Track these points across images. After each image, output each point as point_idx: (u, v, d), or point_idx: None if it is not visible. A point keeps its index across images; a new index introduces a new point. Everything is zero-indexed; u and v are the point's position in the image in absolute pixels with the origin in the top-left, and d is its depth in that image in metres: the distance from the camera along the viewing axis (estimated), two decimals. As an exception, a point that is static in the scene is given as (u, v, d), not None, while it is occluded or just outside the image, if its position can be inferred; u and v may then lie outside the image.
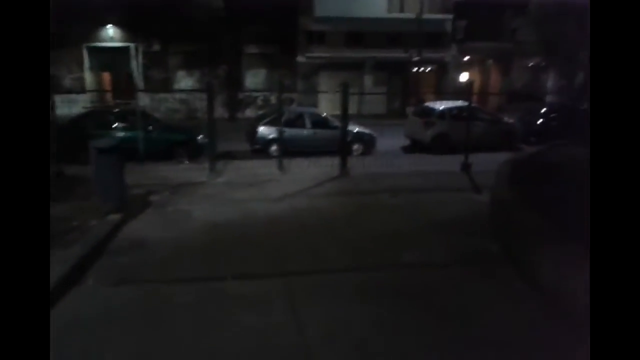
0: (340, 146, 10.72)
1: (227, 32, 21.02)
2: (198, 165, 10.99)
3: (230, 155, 13.06)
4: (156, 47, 21.45)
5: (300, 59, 22.82)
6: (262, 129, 13.51)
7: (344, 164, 10.53)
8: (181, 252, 5.87)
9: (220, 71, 22.15)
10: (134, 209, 7.28)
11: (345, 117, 10.64)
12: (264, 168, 10.68)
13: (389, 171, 10.72)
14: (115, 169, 6.73)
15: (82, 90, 20.64)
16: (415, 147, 15.03)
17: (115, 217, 6.67)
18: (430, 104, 15.78)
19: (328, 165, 10.75)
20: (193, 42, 21.15)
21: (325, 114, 14.56)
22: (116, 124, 12.55)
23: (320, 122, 14.08)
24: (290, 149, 12.08)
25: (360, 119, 15.94)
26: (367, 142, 14.06)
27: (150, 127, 12.61)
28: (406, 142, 15.54)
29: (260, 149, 13.65)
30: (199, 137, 13.24)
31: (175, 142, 12.91)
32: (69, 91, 19.21)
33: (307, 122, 13.95)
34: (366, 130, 14.15)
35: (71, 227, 6.27)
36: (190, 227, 6.75)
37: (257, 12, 20.56)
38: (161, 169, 10.66)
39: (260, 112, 19.21)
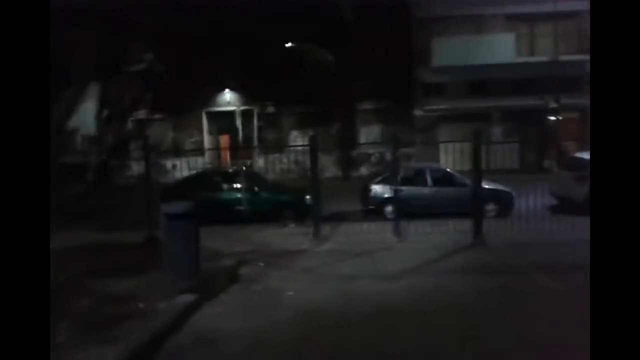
0: (474, 206, 8.62)
1: (339, 89, 20.28)
2: (304, 229, 9.59)
3: (339, 217, 11.57)
4: (270, 109, 21.41)
5: (417, 112, 21.22)
6: (376, 188, 11.87)
7: (478, 229, 8.38)
8: (258, 356, 4.26)
9: (333, 129, 21.33)
10: (215, 287, 5.94)
11: (478, 171, 8.61)
12: (377, 233, 8.92)
13: (538, 239, 8.32)
14: (187, 238, 5.49)
15: (201, 153, 21.04)
16: (564, 207, 12.21)
17: (187, 298, 5.34)
18: (581, 155, 12.93)
19: (457, 231, 8.68)
20: (306, 102, 20.73)
21: (449, 169, 12.52)
22: (224, 185, 11.83)
23: (444, 179, 12.06)
24: (408, 210, 10.25)
25: (489, 174, 13.54)
26: (504, 202, 11.64)
27: (256, 188, 11.68)
28: (552, 201, 12.73)
29: (374, 210, 11.96)
30: (308, 198, 12.00)
31: (281, 203, 11.78)
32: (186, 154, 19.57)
33: (429, 179, 12.03)
34: (502, 187, 11.77)
35: (134, 310, 5.04)
36: (278, 316, 5.15)
37: (370, 65, 19.61)
38: (263, 234, 9.42)
39: (374, 169, 17.72)
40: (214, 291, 5.79)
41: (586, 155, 12.71)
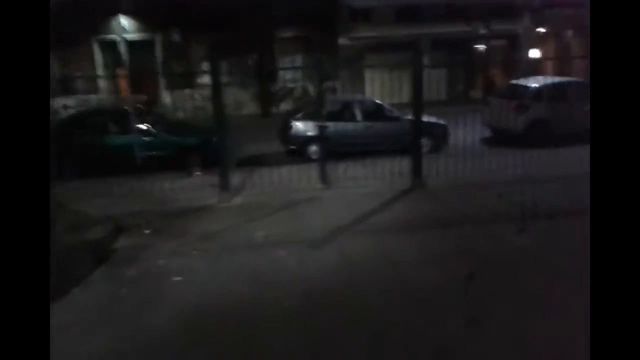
0: (413, 143, 7.25)
1: (254, 14, 17.85)
2: (212, 179, 7.79)
3: (256, 161, 9.86)
4: (176, 37, 18.58)
5: (342, 41, 19.37)
6: (297, 125, 10.20)
7: (417, 170, 7.07)
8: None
9: (249, 60, 19.04)
10: (70, 275, 4.13)
11: (419, 102, 7.21)
12: (300, 179, 7.35)
13: (483, 178, 7.19)
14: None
15: (95, 91, 18.05)
16: (500, 139, 11.32)
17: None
18: (522, 82, 11.93)
19: (392, 173, 7.33)
20: (216, 29, 18.10)
21: (379, 101, 11.06)
22: (112, 127, 9.60)
23: (374, 113, 10.63)
24: (335, 150, 8.79)
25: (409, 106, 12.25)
26: (438, 136, 10.47)
27: (154, 129, 9.60)
28: (486, 133, 11.77)
29: (296, 150, 10.38)
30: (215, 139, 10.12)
31: (185, 147, 9.81)
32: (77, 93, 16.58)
33: (357, 114, 10.53)
34: (435, 120, 10.53)
35: None
36: (151, 324, 3.50)
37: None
38: (158, 186, 7.54)
39: (296, 105, 15.96)
40: (65, 283, 4.00)
41: (528, 82, 11.79)
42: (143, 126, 9.52)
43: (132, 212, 6.25)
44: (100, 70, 18.83)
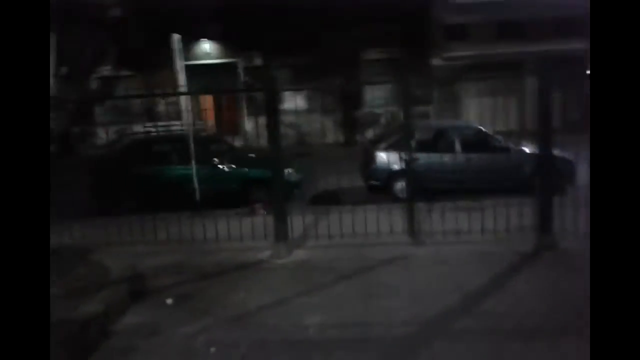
0: (540, 184, 5.25)
1: (339, 35, 16.62)
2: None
3: (330, 199, 8.32)
4: (257, 61, 17.87)
5: (436, 61, 17.52)
6: (381, 156, 8.52)
7: (545, 223, 5.03)
8: None
9: (333, 84, 17.80)
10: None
11: (547, 129, 5.27)
12: (382, 227, 5.60)
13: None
14: None
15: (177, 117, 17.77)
16: None
17: None
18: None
19: (507, 223, 5.37)
20: (299, 52, 17.12)
21: (482, 128, 9.05)
22: (169, 156, 8.57)
23: (477, 142, 8.67)
24: (427, 186, 7.02)
25: (523, 136, 9.97)
26: (563, 175, 8.22)
27: (215, 160, 8.42)
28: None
29: (379, 187, 8.67)
30: (287, 172, 8.71)
31: (250, 180, 8.54)
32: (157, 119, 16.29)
33: (456, 143, 8.63)
34: (559, 153, 8.29)
35: None
36: None
37: (377, 4, 15.87)
38: (209, 228, 6.17)
39: (381, 132, 14.29)
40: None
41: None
42: (210, 158, 8.38)
43: (165, 266, 4.93)
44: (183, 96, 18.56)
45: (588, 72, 3.32)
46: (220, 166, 8.44)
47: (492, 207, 5.67)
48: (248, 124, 18.25)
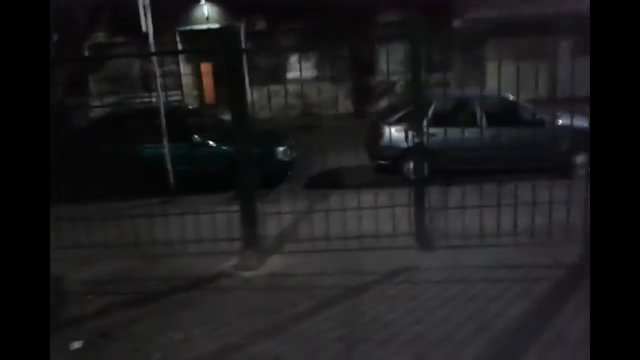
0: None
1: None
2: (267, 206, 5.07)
3: (330, 180, 7.13)
4: (261, 25, 16.41)
5: (457, 23, 15.84)
6: (389, 132, 7.20)
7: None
8: None
9: (343, 50, 16.29)
10: None
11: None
12: (381, 228, 4.38)
13: None
14: None
15: (176, 87, 16.67)
16: None
17: None
18: None
19: (544, 219, 4.09)
20: (306, 15, 15.60)
21: (513, 97, 7.61)
22: (145, 133, 7.38)
23: (506, 115, 7.30)
24: (445, 167, 5.80)
25: (553, 104, 8.37)
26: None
27: (195, 137, 7.25)
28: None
29: (388, 167, 7.41)
30: (281, 150, 7.51)
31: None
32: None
33: (480, 116, 7.27)
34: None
35: None
36: None
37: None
38: (181, 220, 5.00)
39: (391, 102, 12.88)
40: None
41: None
42: (189, 134, 7.19)
43: (101, 280, 3.82)
44: (182, 64, 17.34)
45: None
46: (202, 144, 7.26)
47: (526, 194, 4.39)
48: (249, 95, 16.95)
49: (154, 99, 8.39)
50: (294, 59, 16.71)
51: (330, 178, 7.51)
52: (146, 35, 7.84)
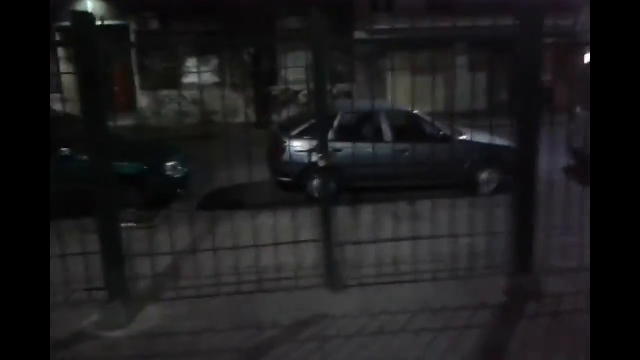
0: (519, 190, 3.57)
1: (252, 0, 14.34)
2: (154, 231, 4.14)
3: (226, 199, 6.39)
4: (153, 24, 15.13)
5: (359, 34, 15.81)
6: (293, 145, 6.60)
7: (523, 249, 3.39)
8: None
9: (245, 56, 15.54)
10: None
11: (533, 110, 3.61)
12: (284, 254, 3.73)
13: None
14: None
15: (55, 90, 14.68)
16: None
17: None
18: None
19: (459, 248, 3.72)
20: (203, 16, 14.64)
21: (416, 111, 7.38)
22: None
23: (410, 129, 7.06)
24: (350, 184, 5.38)
25: (446, 118, 8.26)
26: (508, 167, 6.80)
27: (63, 149, 6.09)
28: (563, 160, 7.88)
29: (291, 183, 6.81)
30: (169, 165, 6.59)
31: (118, 176, 6.25)
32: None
33: (384, 128, 6.94)
34: (501, 141, 6.82)
35: None
36: None
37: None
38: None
39: (295, 113, 12.36)
40: None
41: None
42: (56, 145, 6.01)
43: None
44: (63, 64, 15.43)
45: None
46: (72, 157, 6.12)
47: (438, 216, 4.00)
48: (142, 100, 15.55)
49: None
50: (191, 62, 15.60)
51: (227, 196, 6.74)
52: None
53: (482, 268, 3.61)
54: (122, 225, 3.30)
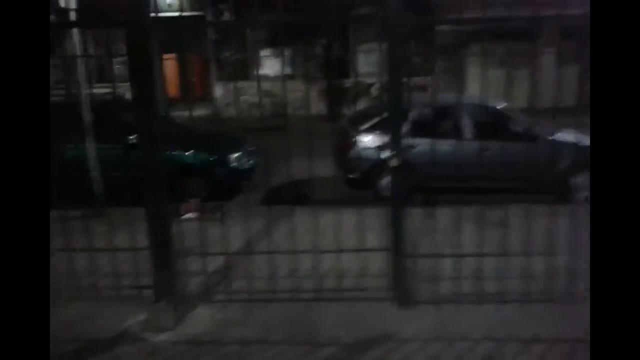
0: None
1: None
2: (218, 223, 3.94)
3: (288, 197, 6.09)
4: (227, 16, 15.23)
5: (439, 25, 15.02)
6: (362, 141, 6.19)
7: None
8: None
9: (318, 48, 15.27)
10: None
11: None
12: (347, 260, 3.36)
13: None
14: None
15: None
16: None
17: None
18: None
19: (556, 264, 3.13)
20: (279, 9, 14.49)
21: (501, 106, 6.68)
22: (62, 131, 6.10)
23: (493, 126, 6.38)
24: (425, 185, 4.88)
25: (533, 114, 7.35)
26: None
27: (131, 137, 6.08)
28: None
29: (360, 180, 6.40)
30: (234, 156, 6.42)
31: (180, 167, 6.17)
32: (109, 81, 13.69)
33: (465, 125, 6.33)
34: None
35: None
36: None
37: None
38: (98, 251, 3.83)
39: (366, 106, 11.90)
40: None
41: None
42: (123, 134, 6.02)
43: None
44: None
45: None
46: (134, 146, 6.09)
47: (525, 222, 3.42)
48: (217, 90, 15.75)
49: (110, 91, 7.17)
50: (264, 54, 15.57)
51: (293, 191, 6.45)
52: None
53: (583, 291, 3.03)
54: (185, 216, 3.08)
